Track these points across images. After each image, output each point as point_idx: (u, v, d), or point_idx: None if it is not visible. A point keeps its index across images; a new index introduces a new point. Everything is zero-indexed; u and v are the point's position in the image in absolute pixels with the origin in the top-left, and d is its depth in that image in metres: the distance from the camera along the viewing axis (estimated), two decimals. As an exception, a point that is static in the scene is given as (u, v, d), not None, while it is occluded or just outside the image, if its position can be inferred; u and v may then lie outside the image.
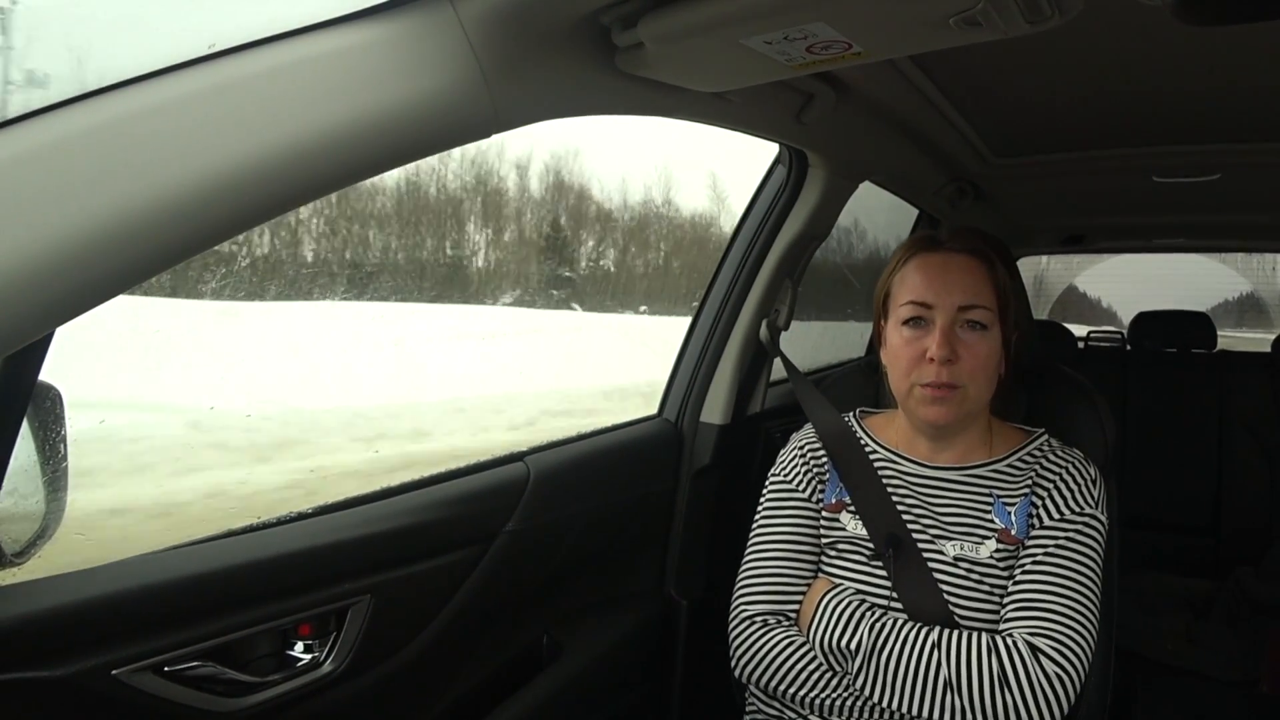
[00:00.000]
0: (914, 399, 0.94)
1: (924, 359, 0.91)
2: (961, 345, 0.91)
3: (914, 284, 0.94)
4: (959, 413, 0.93)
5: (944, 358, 0.90)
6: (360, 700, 0.88)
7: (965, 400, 0.92)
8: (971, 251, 0.95)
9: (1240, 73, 1.11)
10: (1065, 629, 0.85)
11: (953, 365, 0.90)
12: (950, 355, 0.90)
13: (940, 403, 0.91)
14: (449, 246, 5.78)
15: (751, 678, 0.96)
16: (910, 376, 0.93)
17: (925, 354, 0.91)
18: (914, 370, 0.93)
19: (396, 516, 0.90)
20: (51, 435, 0.63)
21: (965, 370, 0.91)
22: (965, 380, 0.91)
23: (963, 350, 0.91)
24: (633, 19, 0.70)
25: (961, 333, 0.92)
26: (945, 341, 0.90)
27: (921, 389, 0.92)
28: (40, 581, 0.66)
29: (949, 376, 0.90)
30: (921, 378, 0.92)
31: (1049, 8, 0.65)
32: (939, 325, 0.92)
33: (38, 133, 0.48)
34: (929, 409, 0.92)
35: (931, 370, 0.91)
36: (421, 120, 0.59)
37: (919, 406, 0.93)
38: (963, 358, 0.91)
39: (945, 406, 0.91)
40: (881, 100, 1.20)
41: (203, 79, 0.52)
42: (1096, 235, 2.63)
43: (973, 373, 0.91)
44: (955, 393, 0.91)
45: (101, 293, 0.48)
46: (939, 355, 0.90)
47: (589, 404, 4.62)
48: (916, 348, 0.93)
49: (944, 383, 0.90)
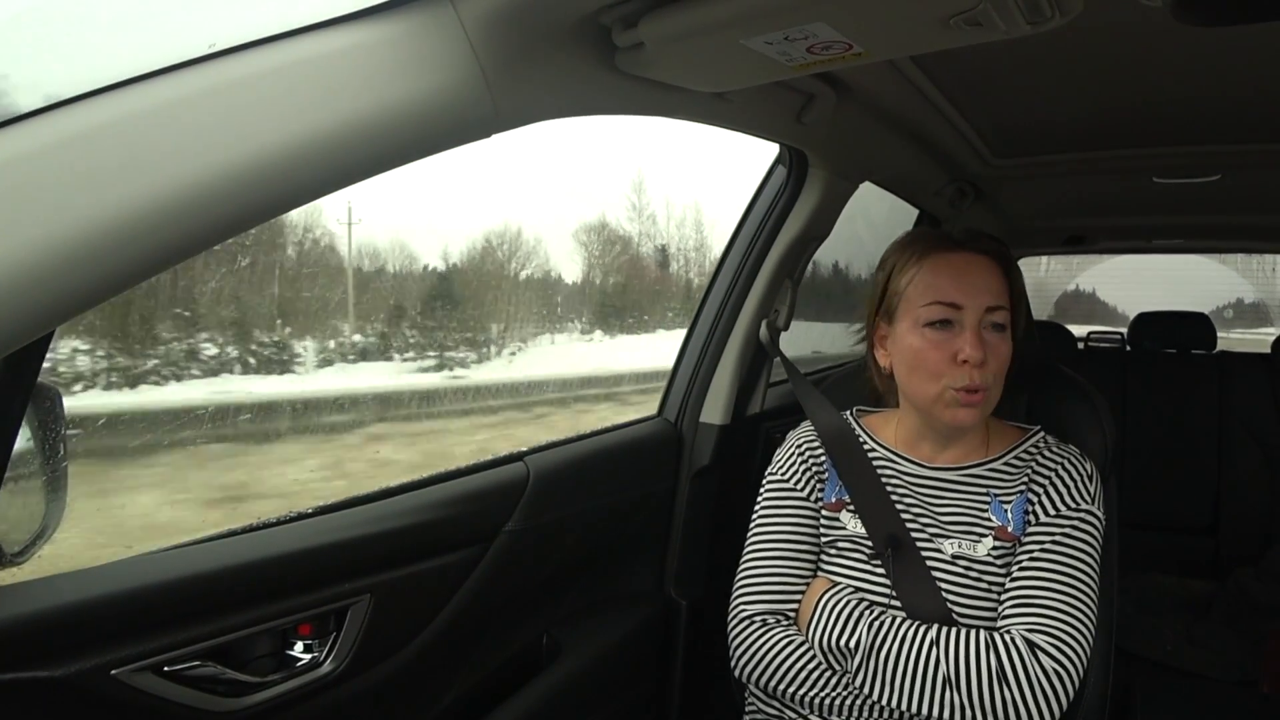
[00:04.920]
0: (945, 401, 0.91)
1: (955, 362, 0.90)
2: (988, 347, 0.90)
3: (939, 285, 0.92)
4: (983, 415, 0.92)
5: (980, 359, 0.88)
6: (360, 700, 0.88)
7: (989, 402, 0.92)
8: (990, 253, 0.94)
9: (1240, 73, 1.11)
10: (1063, 625, 0.85)
11: (983, 368, 0.89)
12: (985, 357, 0.89)
13: (971, 406, 0.90)
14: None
15: (751, 677, 0.96)
16: (942, 380, 0.91)
17: (956, 356, 0.90)
18: (945, 373, 0.90)
19: (396, 516, 0.90)
20: (51, 435, 0.63)
21: (992, 372, 0.90)
22: (991, 382, 0.90)
23: (989, 352, 0.90)
24: (633, 19, 0.70)
25: (987, 334, 0.91)
26: (980, 343, 0.89)
27: (954, 392, 0.90)
28: (40, 581, 0.66)
29: (981, 379, 0.89)
30: (956, 381, 0.90)
31: (1049, 8, 0.65)
32: (969, 326, 0.90)
33: (38, 132, 0.48)
34: (959, 412, 0.91)
35: (965, 373, 0.89)
36: (422, 120, 0.59)
37: (947, 410, 0.91)
38: (989, 360, 0.90)
39: (974, 410, 0.90)
40: (882, 101, 1.20)
41: (203, 79, 0.52)
42: (1097, 236, 2.63)
43: (997, 374, 0.91)
44: (984, 395, 0.90)
45: (101, 292, 0.48)
46: (974, 357, 0.88)
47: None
48: (946, 350, 0.90)
49: (978, 385, 0.89)
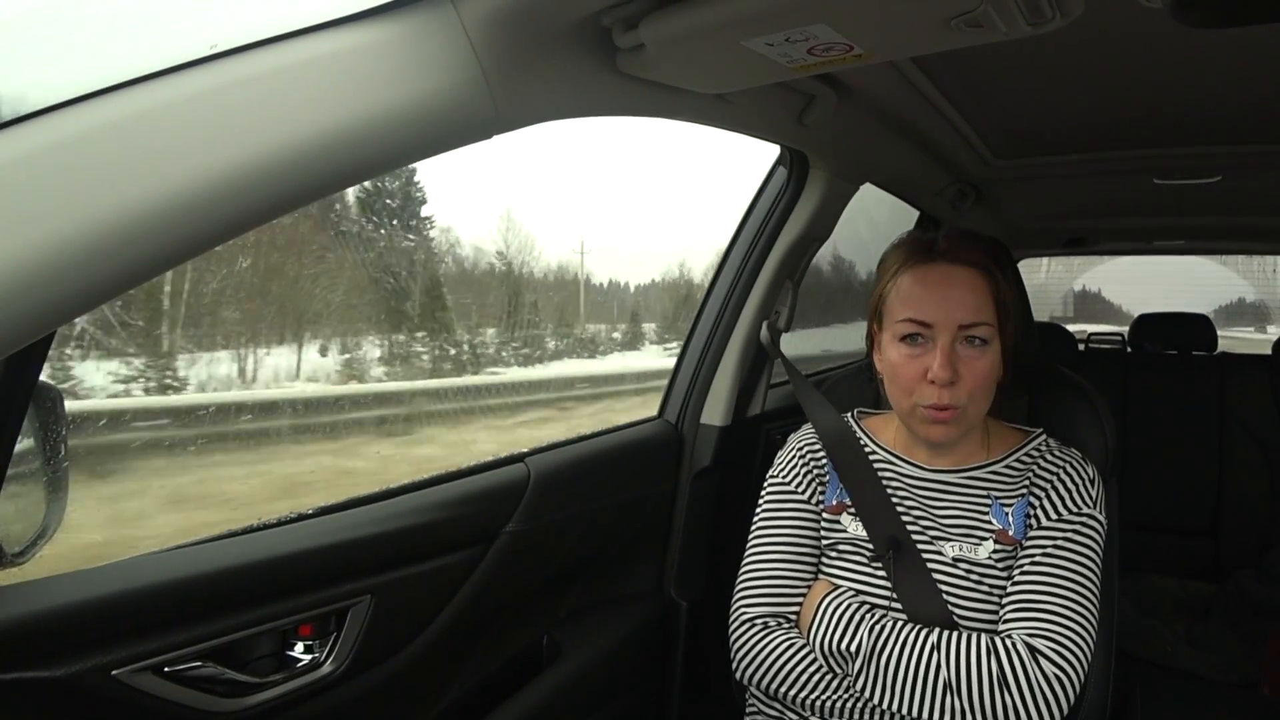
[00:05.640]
0: (916, 418, 0.92)
1: (924, 379, 0.89)
2: (962, 363, 0.89)
3: (912, 299, 0.91)
4: (959, 431, 0.92)
5: (946, 379, 0.87)
6: (361, 701, 0.88)
7: (965, 418, 0.91)
8: (971, 264, 0.91)
9: (1240, 75, 1.11)
10: (1064, 630, 0.85)
11: (954, 387, 0.88)
12: (952, 377, 0.88)
13: (941, 424, 0.90)
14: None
15: (752, 680, 0.96)
16: (912, 396, 0.91)
17: (926, 374, 0.89)
18: (915, 390, 0.90)
19: (397, 517, 0.90)
20: (52, 436, 0.63)
21: (965, 390, 0.89)
22: (964, 399, 0.89)
23: (963, 368, 0.89)
24: (634, 20, 0.70)
25: (962, 349, 0.89)
26: (947, 363, 0.88)
27: (924, 409, 0.90)
28: (41, 582, 0.66)
29: (950, 399, 0.88)
30: (924, 399, 0.89)
31: (1050, 10, 0.65)
32: (940, 345, 0.88)
33: (39, 133, 0.48)
34: (931, 429, 0.91)
35: (933, 392, 0.88)
36: (423, 121, 0.59)
37: (920, 426, 0.92)
38: (964, 377, 0.88)
39: (946, 427, 0.90)
40: (883, 102, 1.20)
41: (204, 80, 0.52)
42: (1097, 237, 2.63)
43: (973, 391, 0.89)
44: (956, 413, 0.89)
45: (102, 293, 0.48)
46: (941, 377, 0.87)
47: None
48: (916, 367, 0.90)
49: (946, 404, 0.88)
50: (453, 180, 11.26)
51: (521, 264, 8.08)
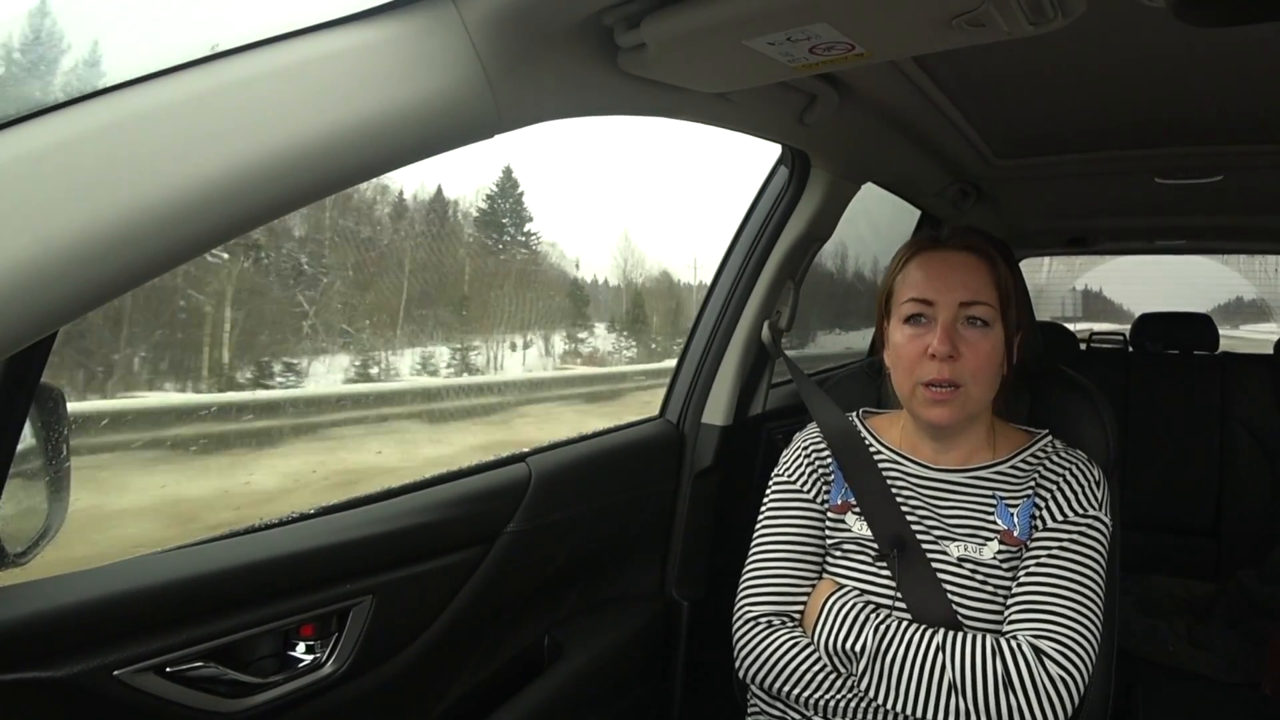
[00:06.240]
0: (917, 400, 0.93)
1: (926, 356, 0.91)
2: (963, 342, 0.91)
3: (915, 281, 0.95)
4: (961, 414, 0.92)
5: (945, 353, 0.90)
6: (362, 701, 0.88)
7: (968, 400, 0.92)
8: (972, 249, 0.95)
9: (1242, 74, 1.11)
10: (1069, 631, 0.85)
11: (954, 362, 0.90)
12: (952, 351, 0.90)
13: (943, 404, 0.91)
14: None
15: (755, 679, 0.96)
16: (914, 375, 0.93)
17: (927, 350, 0.91)
18: (916, 368, 0.92)
19: (398, 517, 0.90)
20: (54, 436, 0.63)
21: (967, 368, 0.90)
22: (967, 378, 0.91)
23: (965, 348, 0.91)
24: (636, 20, 0.70)
25: (963, 329, 0.92)
26: (947, 337, 0.90)
27: (924, 389, 0.92)
28: (43, 582, 0.66)
29: (951, 374, 0.90)
30: (924, 375, 0.91)
31: (1051, 9, 0.65)
32: (940, 321, 0.91)
33: (39, 133, 0.48)
34: (932, 410, 0.92)
35: (934, 367, 0.90)
36: (424, 121, 0.59)
37: (922, 408, 0.93)
38: (965, 355, 0.91)
39: (948, 408, 0.91)
40: (884, 101, 1.20)
41: (205, 80, 0.52)
42: (1098, 237, 2.63)
43: (975, 371, 0.91)
44: (958, 392, 0.91)
45: (103, 294, 0.48)
46: (940, 351, 0.90)
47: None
48: (918, 345, 0.92)
49: (946, 380, 0.90)
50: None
51: (652, 277, 11.00)
